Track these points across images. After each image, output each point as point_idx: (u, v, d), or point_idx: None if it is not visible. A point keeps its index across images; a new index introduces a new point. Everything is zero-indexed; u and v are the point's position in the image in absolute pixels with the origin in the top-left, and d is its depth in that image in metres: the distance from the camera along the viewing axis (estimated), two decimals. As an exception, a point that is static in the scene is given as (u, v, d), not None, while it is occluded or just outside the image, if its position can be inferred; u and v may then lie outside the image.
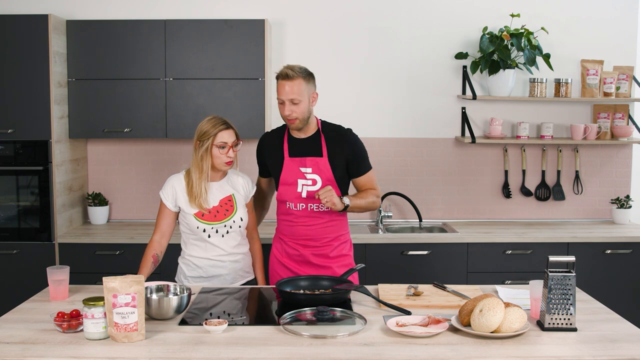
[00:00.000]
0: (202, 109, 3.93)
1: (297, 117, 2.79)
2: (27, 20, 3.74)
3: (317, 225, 2.89)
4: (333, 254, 2.92)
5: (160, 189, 2.87)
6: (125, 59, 3.93)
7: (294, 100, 2.76)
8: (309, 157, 2.87)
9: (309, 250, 2.91)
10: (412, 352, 1.97)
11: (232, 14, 4.20)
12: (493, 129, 4.16)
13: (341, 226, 2.97)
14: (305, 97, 2.79)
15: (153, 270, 2.78)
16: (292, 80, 2.76)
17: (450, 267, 3.82)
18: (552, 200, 4.39)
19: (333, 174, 2.86)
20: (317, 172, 2.86)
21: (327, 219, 2.90)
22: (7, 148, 3.81)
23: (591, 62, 4.20)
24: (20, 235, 3.85)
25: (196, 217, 2.79)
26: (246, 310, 2.52)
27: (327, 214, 2.89)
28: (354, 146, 2.90)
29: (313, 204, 2.86)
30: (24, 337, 2.11)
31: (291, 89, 2.75)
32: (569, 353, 1.98)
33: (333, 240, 2.93)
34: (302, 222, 2.90)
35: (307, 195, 2.85)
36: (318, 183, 2.85)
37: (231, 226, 2.84)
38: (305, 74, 2.80)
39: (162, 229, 2.85)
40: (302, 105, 2.78)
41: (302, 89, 2.77)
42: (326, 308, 2.26)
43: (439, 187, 4.38)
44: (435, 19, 4.27)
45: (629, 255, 3.87)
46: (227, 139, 2.78)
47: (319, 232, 2.90)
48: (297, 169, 2.87)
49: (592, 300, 2.56)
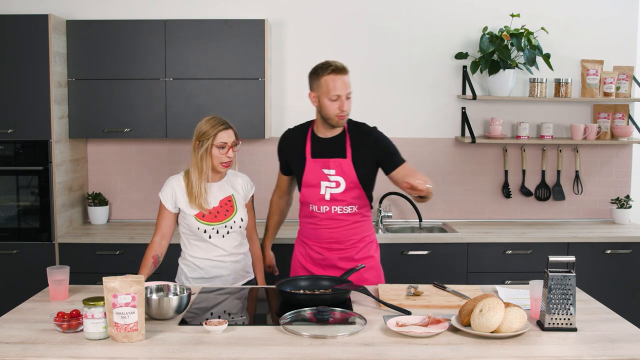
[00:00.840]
0: (202, 109, 3.93)
1: (348, 113, 2.75)
2: (27, 20, 3.74)
3: (341, 227, 2.84)
4: (359, 255, 2.87)
5: (160, 190, 2.86)
6: (125, 59, 3.93)
7: (349, 95, 2.71)
8: (333, 158, 2.80)
9: (335, 254, 2.86)
10: (412, 352, 1.97)
11: (232, 14, 4.20)
12: (493, 129, 4.16)
13: (366, 227, 2.91)
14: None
15: (153, 271, 2.78)
16: (346, 74, 2.70)
17: (450, 267, 3.82)
18: (552, 200, 4.39)
19: (357, 175, 2.79)
20: (340, 174, 2.79)
21: (351, 221, 2.84)
22: (7, 148, 3.81)
23: (591, 62, 4.20)
24: (20, 235, 3.85)
25: (197, 218, 2.79)
26: (246, 310, 2.52)
27: (351, 215, 2.83)
28: (380, 143, 2.81)
29: (337, 206, 2.81)
30: (24, 337, 2.11)
31: (346, 83, 2.69)
32: (569, 353, 1.98)
33: (358, 242, 2.88)
34: (326, 225, 2.85)
35: (330, 198, 2.80)
36: (342, 185, 2.79)
37: (232, 226, 2.83)
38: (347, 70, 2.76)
39: (162, 230, 2.84)
40: (351, 100, 2.73)
41: (350, 83, 2.73)
42: (326, 308, 2.25)
43: (439, 187, 4.37)
44: (435, 19, 4.27)
45: (629, 255, 3.87)
46: (227, 139, 2.77)
47: (344, 234, 2.85)
48: (320, 171, 2.81)
49: (592, 300, 2.56)
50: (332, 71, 2.70)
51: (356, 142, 2.81)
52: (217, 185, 2.86)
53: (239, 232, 2.88)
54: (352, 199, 2.82)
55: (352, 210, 2.83)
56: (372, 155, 2.81)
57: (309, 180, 2.84)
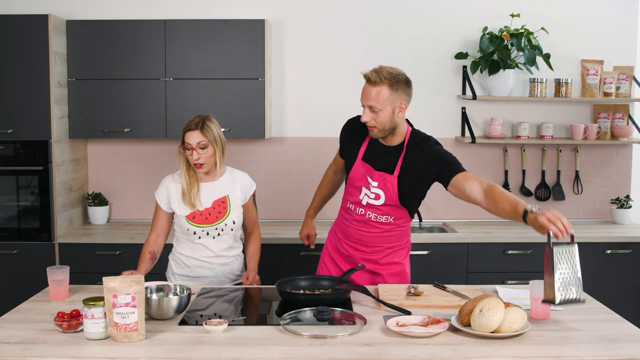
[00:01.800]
0: (202, 109, 3.93)
1: (375, 125, 2.58)
2: (27, 20, 3.74)
3: (372, 234, 2.78)
4: (383, 260, 2.82)
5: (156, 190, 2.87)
6: (125, 59, 3.93)
7: (374, 108, 2.54)
8: (379, 171, 2.68)
9: (359, 254, 2.82)
10: (412, 352, 1.97)
11: (232, 14, 4.20)
12: (493, 129, 4.16)
13: (399, 236, 2.81)
14: (388, 107, 2.55)
15: (151, 267, 2.79)
16: (373, 86, 2.53)
17: (450, 267, 3.82)
18: (552, 200, 4.39)
19: (399, 194, 2.66)
20: (382, 188, 2.68)
21: (384, 229, 2.76)
22: (7, 148, 3.81)
23: (591, 62, 4.20)
24: (20, 235, 3.85)
25: (187, 219, 2.78)
26: (246, 310, 2.51)
27: (385, 224, 2.75)
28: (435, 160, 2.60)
29: (372, 213, 2.72)
30: (24, 337, 2.11)
31: (369, 94, 2.53)
32: (569, 353, 1.98)
33: (387, 249, 2.82)
34: (357, 227, 2.79)
35: (367, 205, 2.73)
36: (381, 199, 2.69)
37: (222, 229, 2.81)
38: (394, 81, 2.54)
39: (157, 229, 2.85)
40: (383, 114, 2.54)
41: (385, 97, 2.53)
42: (326, 308, 2.25)
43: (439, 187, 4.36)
44: (435, 19, 4.27)
45: (629, 255, 3.87)
46: (191, 140, 2.71)
47: (373, 240, 2.79)
48: (365, 176, 2.72)
49: (592, 300, 2.55)
50: (364, 77, 2.59)
51: (409, 159, 2.65)
52: (210, 186, 2.84)
53: (230, 235, 2.86)
54: (389, 211, 2.73)
55: (388, 220, 2.75)
56: (422, 173, 2.62)
57: (353, 179, 2.77)
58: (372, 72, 2.55)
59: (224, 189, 2.85)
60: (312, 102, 4.27)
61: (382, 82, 2.53)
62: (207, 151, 2.74)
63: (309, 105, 4.27)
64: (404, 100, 2.61)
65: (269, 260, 3.78)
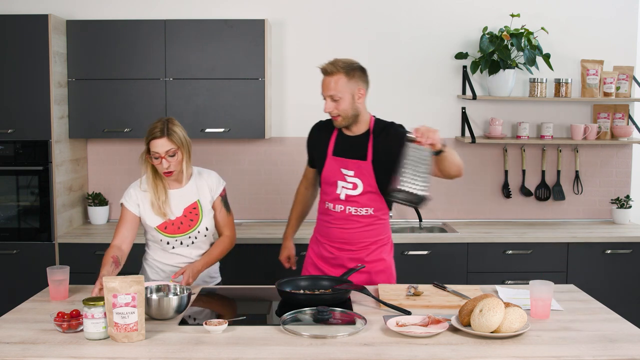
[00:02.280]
0: (202, 109, 3.94)
1: (338, 114, 2.69)
2: (27, 20, 3.74)
3: (354, 229, 2.79)
4: (370, 257, 2.82)
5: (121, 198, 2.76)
6: (125, 59, 3.93)
7: (334, 97, 2.66)
8: (353, 159, 2.74)
9: (345, 254, 2.82)
10: (412, 352, 1.97)
11: (232, 14, 4.20)
12: (493, 129, 4.16)
13: (381, 230, 2.84)
14: (347, 94, 2.66)
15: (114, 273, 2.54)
16: (330, 76, 2.66)
17: (450, 267, 3.82)
18: (552, 200, 4.39)
19: (376, 179, 2.72)
20: (358, 176, 2.73)
21: (365, 223, 2.78)
22: (7, 148, 3.81)
23: (591, 62, 4.20)
24: (20, 235, 3.85)
25: (159, 230, 2.70)
26: (246, 310, 2.51)
27: (366, 217, 2.77)
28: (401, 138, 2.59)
29: (352, 207, 2.76)
30: (24, 337, 2.11)
31: (328, 84, 2.66)
32: (569, 353, 1.98)
33: (371, 244, 2.82)
34: (339, 225, 2.80)
35: (345, 198, 2.75)
36: (359, 187, 2.73)
37: (196, 237, 2.75)
38: (349, 69, 2.66)
39: (121, 236, 2.68)
40: (344, 102, 2.66)
41: (343, 85, 2.65)
42: (326, 308, 2.25)
43: (438, 187, 4.37)
44: (435, 19, 4.27)
45: (629, 255, 3.87)
46: (159, 149, 2.59)
47: (356, 235, 2.80)
48: (339, 170, 2.76)
49: (592, 300, 2.55)
50: (321, 71, 2.71)
51: (379, 144, 2.73)
52: (179, 192, 2.74)
53: (204, 241, 2.79)
54: (368, 202, 2.76)
55: (368, 212, 2.77)
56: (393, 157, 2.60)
57: (327, 177, 2.80)
58: (328, 64, 2.68)
59: (193, 193, 2.75)
60: (312, 102, 4.25)
61: (339, 71, 2.65)
62: (176, 158, 2.63)
63: (309, 105, 4.26)
64: (362, 87, 2.71)
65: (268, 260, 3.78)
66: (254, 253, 3.77)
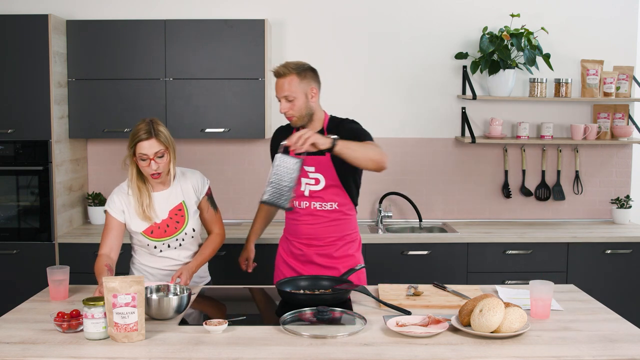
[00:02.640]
0: (202, 109, 3.94)
1: (293, 114, 2.76)
2: (27, 20, 3.74)
3: (320, 224, 2.84)
4: (337, 253, 2.87)
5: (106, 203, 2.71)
6: (125, 59, 3.93)
7: (288, 97, 2.72)
8: (311, 155, 2.77)
9: (313, 250, 2.87)
10: (412, 352, 1.97)
11: (232, 14, 4.20)
12: (493, 129, 4.16)
13: (347, 225, 2.90)
14: (300, 94, 2.73)
15: None
16: (284, 78, 2.72)
17: (450, 267, 3.82)
18: (552, 200, 4.39)
19: (337, 173, 2.79)
20: (320, 171, 2.80)
21: (331, 218, 2.84)
22: (7, 148, 3.81)
23: (591, 62, 4.20)
24: (20, 235, 3.85)
25: (145, 234, 2.66)
26: (246, 310, 2.51)
27: (331, 212, 2.83)
28: (350, 131, 2.74)
29: (316, 202, 2.82)
30: (24, 337, 2.11)
31: (282, 86, 2.72)
32: (569, 353, 1.98)
33: (338, 240, 2.87)
34: (305, 221, 2.85)
35: (309, 194, 2.82)
36: (321, 182, 2.80)
37: (183, 239, 2.72)
38: (300, 70, 2.73)
39: (109, 244, 2.64)
40: (298, 102, 2.72)
41: (296, 85, 2.72)
42: (326, 308, 2.25)
43: (439, 187, 4.38)
44: (435, 19, 4.27)
45: (629, 255, 3.87)
46: (147, 151, 2.53)
47: (322, 231, 2.85)
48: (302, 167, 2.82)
49: (592, 300, 2.55)
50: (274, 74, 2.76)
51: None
52: (164, 195, 2.70)
53: (191, 242, 2.76)
54: (332, 196, 2.82)
55: (332, 207, 2.83)
56: None
57: None
58: (280, 66, 2.75)
59: (178, 195, 2.72)
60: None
61: (291, 72, 2.72)
62: (164, 159, 2.59)
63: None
64: (314, 86, 2.79)
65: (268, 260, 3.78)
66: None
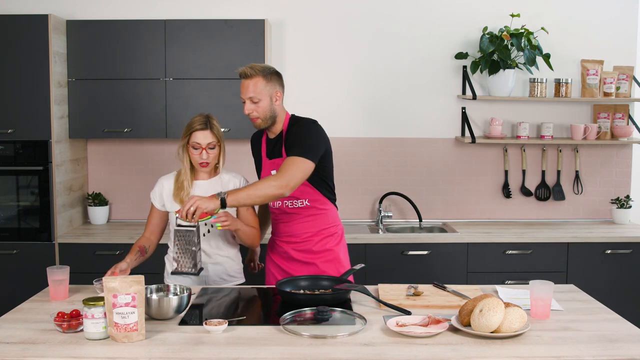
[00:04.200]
0: (202, 109, 3.92)
1: (257, 116, 2.77)
2: (27, 20, 3.74)
3: (294, 221, 2.88)
4: (316, 248, 2.88)
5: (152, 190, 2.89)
6: (125, 59, 3.93)
7: (253, 99, 2.73)
8: (275, 158, 2.85)
9: (291, 247, 2.90)
10: (412, 352, 1.97)
11: (232, 14, 4.20)
12: (493, 129, 4.16)
13: (324, 220, 2.90)
14: (265, 96, 2.74)
15: (140, 261, 2.77)
16: (249, 79, 2.73)
17: (450, 267, 3.82)
18: (552, 200, 4.39)
19: None
20: None
21: (305, 214, 2.87)
22: (7, 148, 3.81)
23: (591, 62, 4.20)
24: (20, 235, 3.85)
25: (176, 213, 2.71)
26: (246, 310, 2.51)
27: (303, 209, 2.86)
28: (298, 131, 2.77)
29: (287, 201, 2.85)
30: (24, 337, 2.11)
31: (247, 87, 2.73)
32: (569, 353, 1.98)
33: (314, 235, 2.88)
34: (281, 219, 2.92)
35: None
36: None
37: (212, 225, 2.80)
38: (266, 73, 2.74)
39: (150, 227, 2.88)
40: (262, 104, 2.74)
41: (262, 87, 2.73)
42: (326, 308, 2.25)
43: (439, 187, 4.38)
44: (435, 19, 4.27)
45: (629, 255, 3.87)
46: (201, 140, 2.74)
47: (297, 227, 2.88)
48: (269, 172, 2.87)
49: (592, 300, 2.55)
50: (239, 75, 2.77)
51: (288, 137, 2.80)
52: (204, 184, 2.84)
53: (220, 235, 2.83)
54: (300, 194, 2.84)
55: (304, 204, 2.85)
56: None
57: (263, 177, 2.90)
58: (246, 68, 2.75)
59: (217, 187, 2.84)
60: (311, 102, 4.27)
61: (257, 74, 2.73)
62: (214, 151, 2.78)
63: (308, 105, 4.27)
64: (279, 90, 2.81)
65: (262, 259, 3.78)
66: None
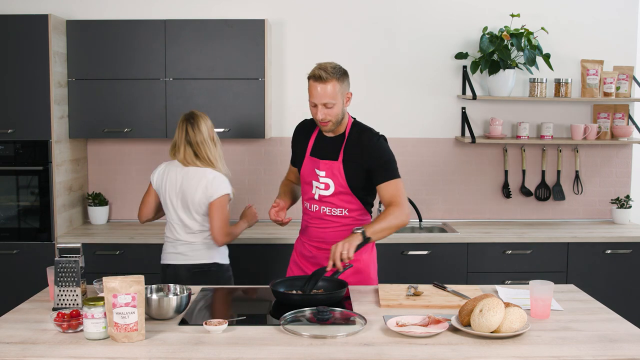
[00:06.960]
0: (202, 109, 3.92)
1: (330, 119, 2.65)
2: (27, 20, 3.73)
3: (329, 228, 2.78)
4: None
5: None
6: (125, 59, 3.93)
7: (328, 105, 2.60)
8: (325, 160, 2.73)
9: (323, 254, 2.79)
10: (412, 352, 1.97)
11: (232, 14, 4.20)
12: (493, 129, 4.16)
13: None
14: (339, 99, 2.63)
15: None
16: (325, 83, 2.58)
17: (450, 267, 3.82)
18: (552, 200, 4.39)
19: (347, 181, 2.70)
20: (330, 176, 2.72)
21: (341, 223, 2.77)
22: (7, 148, 3.81)
23: (591, 62, 4.20)
24: (20, 235, 3.85)
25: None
26: (246, 310, 2.51)
27: (341, 218, 2.76)
28: (373, 153, 2.67)
29: (326, 207, 2.76)
30: (24, 337, 2.11)
31: (324, 92, 2.58)
32: (569, 353, 1.98)
33: None
34: (315, 224, 2.81)
35: (319, 198, 2.76)
36: (331, 188, 2.72)
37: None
38: (340, 74, 2.63)
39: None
40: (336, 107, 2.63)
41: (336, 91, 2.60)
42: (326, 308, 2.25)
43: (439, 187, 4.38)
44: (435, 19, 4.27)
45: (629, 255, 3.87)
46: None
47: (332, 235, 2.77)
48: (313, 170, 2.77)
49: (592, 300, 2.55)
50: (310, 77, 2.63)
51: (350, 146, 2.72)
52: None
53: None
54: (341, 202, 2.75)
55: (342, 213, 2.76)
56: (362, 164, 2.69)
57: (304, 176, 2.82)
58: (319, 70, 2.61)
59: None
60: (312, 102, 4.27)
61: (331, 77, 2.60)
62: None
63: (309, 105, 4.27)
64: (349, 91, 2.71)
65: (266, 260, 3.79)
66: (255, 253, 3.77)
